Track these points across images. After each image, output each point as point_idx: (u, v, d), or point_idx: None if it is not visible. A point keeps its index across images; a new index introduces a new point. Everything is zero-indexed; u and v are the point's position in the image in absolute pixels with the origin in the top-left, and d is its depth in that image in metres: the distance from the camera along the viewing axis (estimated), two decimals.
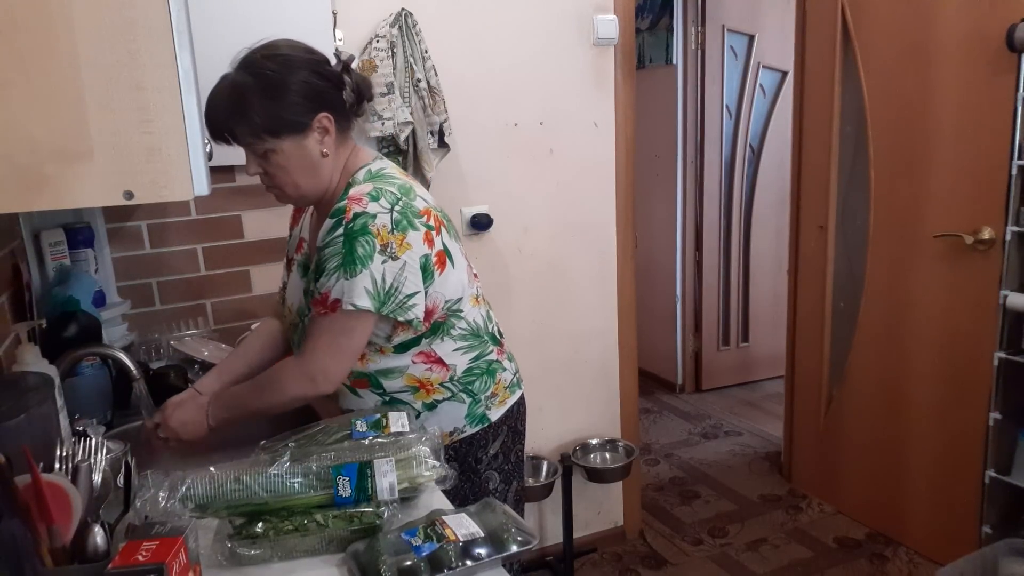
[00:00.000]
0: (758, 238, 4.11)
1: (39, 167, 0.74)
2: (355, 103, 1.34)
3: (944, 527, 2.47)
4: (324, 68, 1.31)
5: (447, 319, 1.38)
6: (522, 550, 1.00)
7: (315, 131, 1.29)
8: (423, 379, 1.38)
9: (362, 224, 1.24)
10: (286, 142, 1.28)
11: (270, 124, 1.26)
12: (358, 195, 1.26)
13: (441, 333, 1.38)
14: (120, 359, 1.42)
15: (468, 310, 1.41)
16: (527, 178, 2.40)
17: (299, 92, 1.26)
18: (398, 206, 1.28)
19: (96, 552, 0.86)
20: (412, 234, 1.28)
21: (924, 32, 2.33)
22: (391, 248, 1.25)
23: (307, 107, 1.27)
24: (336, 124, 1.32)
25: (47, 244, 1.67)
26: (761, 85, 3.94)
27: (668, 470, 3.32)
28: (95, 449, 0.99)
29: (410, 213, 1.29)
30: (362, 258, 1.23)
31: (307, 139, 1.29)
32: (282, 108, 1.25)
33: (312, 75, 1.28)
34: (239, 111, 1.25)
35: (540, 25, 2.32)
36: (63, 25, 0.72)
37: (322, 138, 1.31)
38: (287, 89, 1.25)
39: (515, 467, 1.55)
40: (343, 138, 1.36)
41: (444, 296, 1.35)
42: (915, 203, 2.44)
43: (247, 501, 1.01)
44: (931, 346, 2.44)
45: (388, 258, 1.25)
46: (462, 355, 1.41)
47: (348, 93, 1.32)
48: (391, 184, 1.31)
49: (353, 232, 1.24)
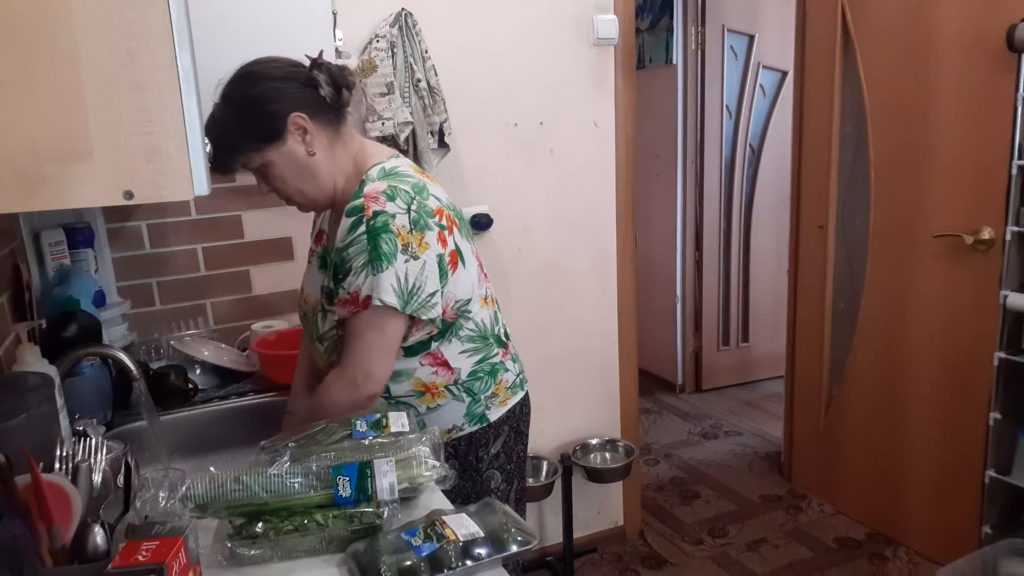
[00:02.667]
0: (758, 238, 4.11)
1: (39, 167, 0.74)
2: (335, 95, 1.32)
3: (944, 527, 2.47)
4: (288, 71, 1.30)
5: (456, 320, 1.37)
6: (522, 550, 1.00)
7: (293, 133, 1.29)
8: (428, 383, 1.38)
9: (383, 222, 1.24)
10: (270, 152, 1.30)
11: (247, 140, 1.29)
12: (374, 193, 1.26)
13: (449, 335, 1.37)
14: (120, 359, 1.42)
15: (477, 311, 1.41)
16: (527, 178, 2.40)
17: (264, 101, 1.28)
18: (414, 205, 1.28)
19: (96, 552, 0.86)
20: (429, 234, 1.29)
21: (924, 32, 2.33)
22: (412, 248, 1.26)
23: (276, 113, 1.28)
24: (316, 120, 1.31)
25: (47, 244, 1.67)
26: (761, 85, 3.94)
27: (668, 470, 3.32)
28: (95, 449, 0.99)
29: (424, 213, 1.29)
30: (387, 255, 1.24)
31: (288, 144, 1.30)
32: (253, 121, 1.28)
33: (274, 81, 1.29)
34: (220, 141, 1.24)
35: (540, 25, 2.32)
36: (63, 25, 0.72)
37: (303, 138, 1.30)
38: (252, 102, 1.28)
39: (517, 467, 1.55)
40: (334, 133, 1.35)
41: (455, 296, 1.35)
42: (915, 203, 2.44)
43: (247, 501, 1.01)
44: (931, 346, 2.44)
45: (410, 257, 1.25)
46: (467, 358, 1.40)
47: (324, 88, 1.31)
48: (405, 182, 1.31)
49: (375, 229, 1.24)
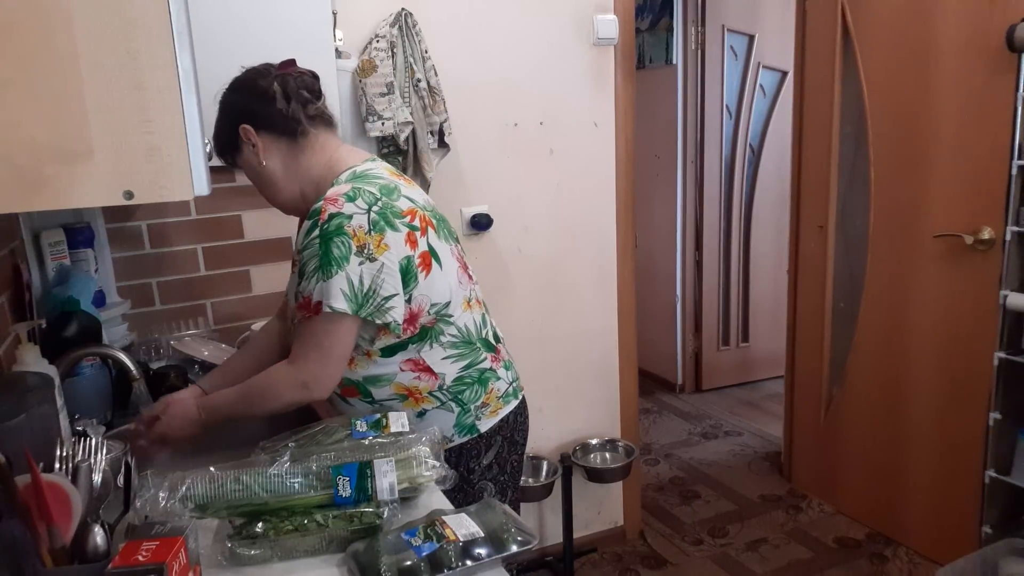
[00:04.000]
0: (758, 238, 4.11)
1: (39, 167, 0.74)
2: (286, 106, 1.34)
3: (944, 527, 2.47)
4: (250, 83, 1.36)
5: (435, 324, 1.34)
6: (522, 550, 1.00)
7: (246, 144, 1.36)
8: (411, 388, 1.36)
9: (337, 224, 1.22)
10: (236, 158, 1.39)
11: (218, 145, 1.39)
12: (334, 195, 1.25)
13: (430, 339, 1.35)
14: (120, 359, 1.42)
15: (459, 315, 1.38)
16: (527, 178, 2.40)
17: (223, 112, 1.37)
18: (376, 206, 1.26)
19: (96, 552, 0.86)
20: (391, 235, 1.26)
21: (924, 32, 2.33)
22: (368, 249, 1.23)
23: (228, 125, 1.36)
24: (264, 133, 1.34)
25: (47, 244, 1.67)
26: (761, 85, 3.94)
27: (668, 470, 3.32)
28: (95, 449, 0.99)
29: (390, 213, 1.27)
30: (338, 259, 1.22)
31: (243, 153, 1.37)
32: (217, 130, 1.38)
33: (235, 93, 1.38)
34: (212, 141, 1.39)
35: (540, 25, 2.32)
36: (63, 25, 0.72)
37: (254, 149, 1.35)
38: (220, 111, 1.38)
39: (511, 477, 1.51)
40: (292, 142, 1.36)
41: (430, 299, 1.32)
42: (915, 203, 2.44)
43: (247, 501, 1.01)
44: (931, 346, 2.44)
45: (365, 259, 1.23)
46: (452, 363, 1.37)
47: (279, 101, 1.33)
48: (372, 184, 1.29)
49: (328, 232, 1.22)
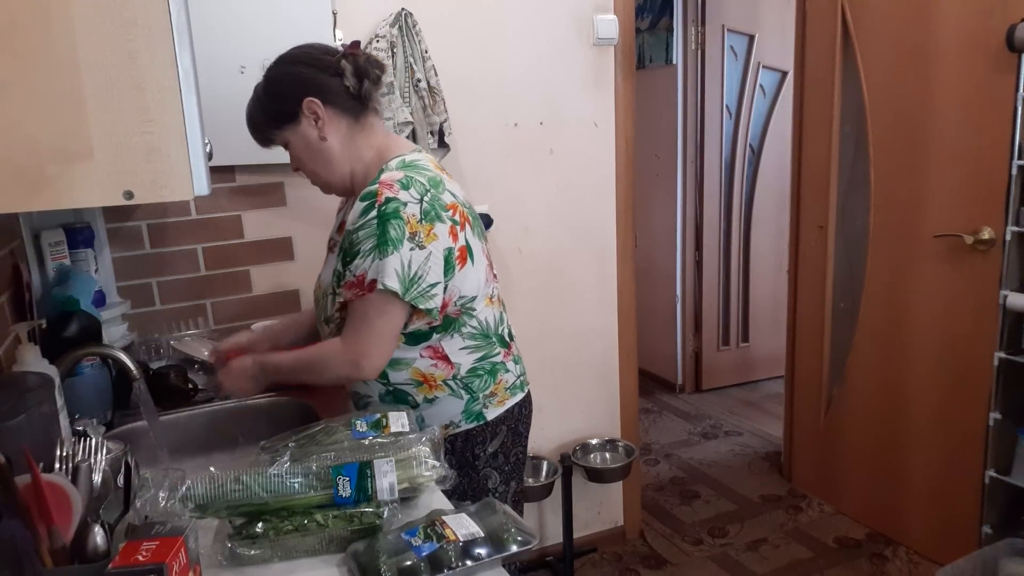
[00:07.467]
0: (758, 238, 4.11)
1: (39, 167, 0.74)
2: (357, 85, 1.37)
3: (944, 527, 2.47)
4: (316, 58, 1.36)
5: (460, 316, 1.39)
6: (522, 550, 1.00)
7: (307, 117, 1.36)
8: (427, 374, 1.40)
9: (394, 208, 1.27)
10: (287, 132, 1.38)
11: (269, 118, 1.39)
12: (389, 180, 1.30)
13: (452, 330, 1.39)
14: (120, 359, 1.42)
15: (481, 309, 1.42)
16: (527, 178, 2.40)
17: (285, 83, 1.37)
18: (427, 196, 1.30)
19: (96, 552, 0.86)
20: (439, 226, 1.31)
21: (924, 32, 2.33)
22: (419, 237, 1.28)
23: (293, 96, 1.35)
24: (332, 107, 1.36)
25: (47, 244, 1.67)
26: (761, 85, 3.94)
27: (668, 470, 3.32)
28: (95, 449, 0.99)
29: (438, 205, 1.32)
30: (394, 240, 1.26)
31: (301, 126, 1.37)
32: (274, 101, 1.38)
33: (299, 65, 1.37)
34: (252, 117, 1.41)
35: (540, 25, 2.32)
36: (63, 25, 0.72)
37: (315, 123, 1.36)
38: (277, 82, 1.38)
39: (515, 468, 1.54)
40: (354, 121, 1.39)
41: (460, 292, 1.37)
42: (915, 203, 2.44)
43: (247, 501, 1.01)
44: (931, 346, 2.44)
45: (416, 246, 1.28)
46: (468, 354, 1.42)
47: (348, 78, 1.35)
48: (421, 174, 1.33)
49: (386, 215, 1.27)
